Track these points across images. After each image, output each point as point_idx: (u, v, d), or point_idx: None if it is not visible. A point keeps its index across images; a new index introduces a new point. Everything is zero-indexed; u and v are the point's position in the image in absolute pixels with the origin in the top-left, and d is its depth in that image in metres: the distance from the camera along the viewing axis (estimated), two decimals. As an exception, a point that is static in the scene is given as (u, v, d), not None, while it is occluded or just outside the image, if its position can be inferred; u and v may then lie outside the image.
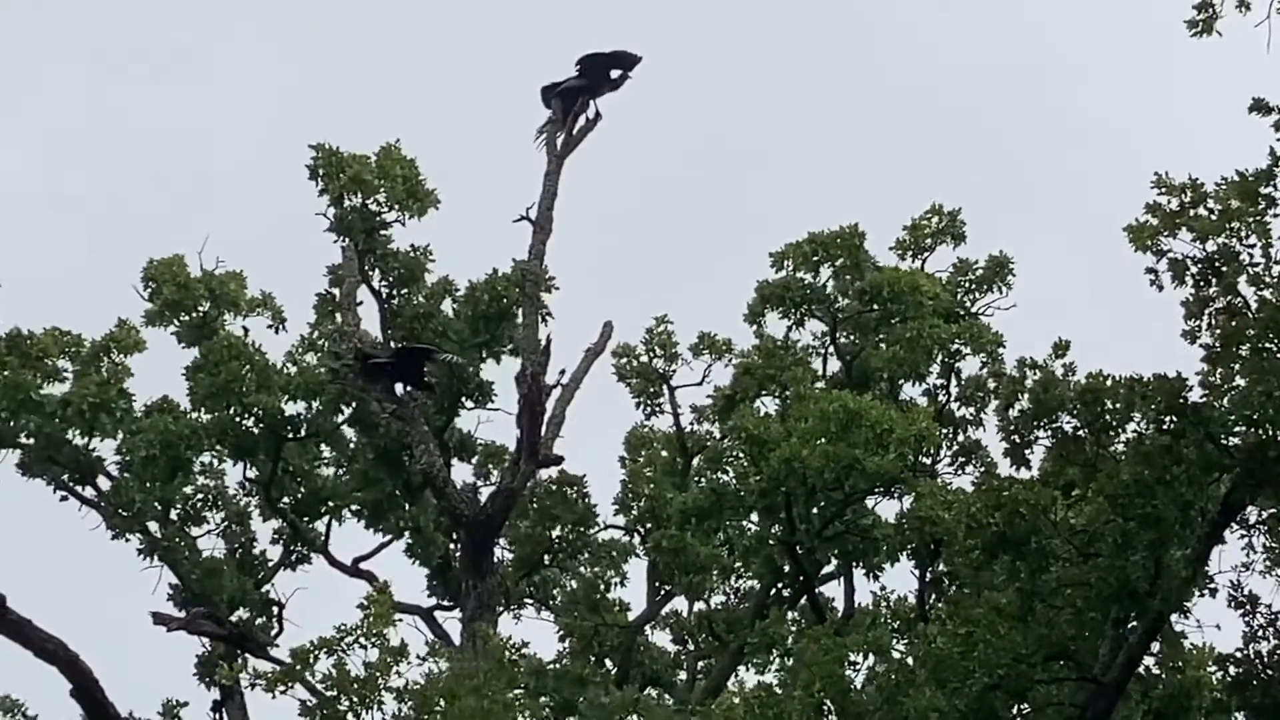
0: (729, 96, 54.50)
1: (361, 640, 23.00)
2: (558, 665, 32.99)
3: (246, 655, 28.09)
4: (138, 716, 27.59)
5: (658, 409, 33.77)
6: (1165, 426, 22.73)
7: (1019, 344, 29.60)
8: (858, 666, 23.76)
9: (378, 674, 22.62)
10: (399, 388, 29.83)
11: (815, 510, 28.59)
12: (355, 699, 22.62)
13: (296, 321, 31.94)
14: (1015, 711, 24.06)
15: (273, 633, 30.63)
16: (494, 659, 23.30)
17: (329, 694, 22.75)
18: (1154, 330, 24.83)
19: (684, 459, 33.30)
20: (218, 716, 24.26)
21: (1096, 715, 23.61)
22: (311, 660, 22.92)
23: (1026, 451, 24.67)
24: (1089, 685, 23.56)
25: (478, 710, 22.14)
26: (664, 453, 34.25)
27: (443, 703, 22.27)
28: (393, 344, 30.34)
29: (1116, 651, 23.48)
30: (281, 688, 23.05)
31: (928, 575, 29.53)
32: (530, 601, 33.62)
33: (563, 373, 29.39)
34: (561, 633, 33.23)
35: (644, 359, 33.48)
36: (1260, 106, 22.71)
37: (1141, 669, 24.60)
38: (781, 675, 27.67)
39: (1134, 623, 23.41)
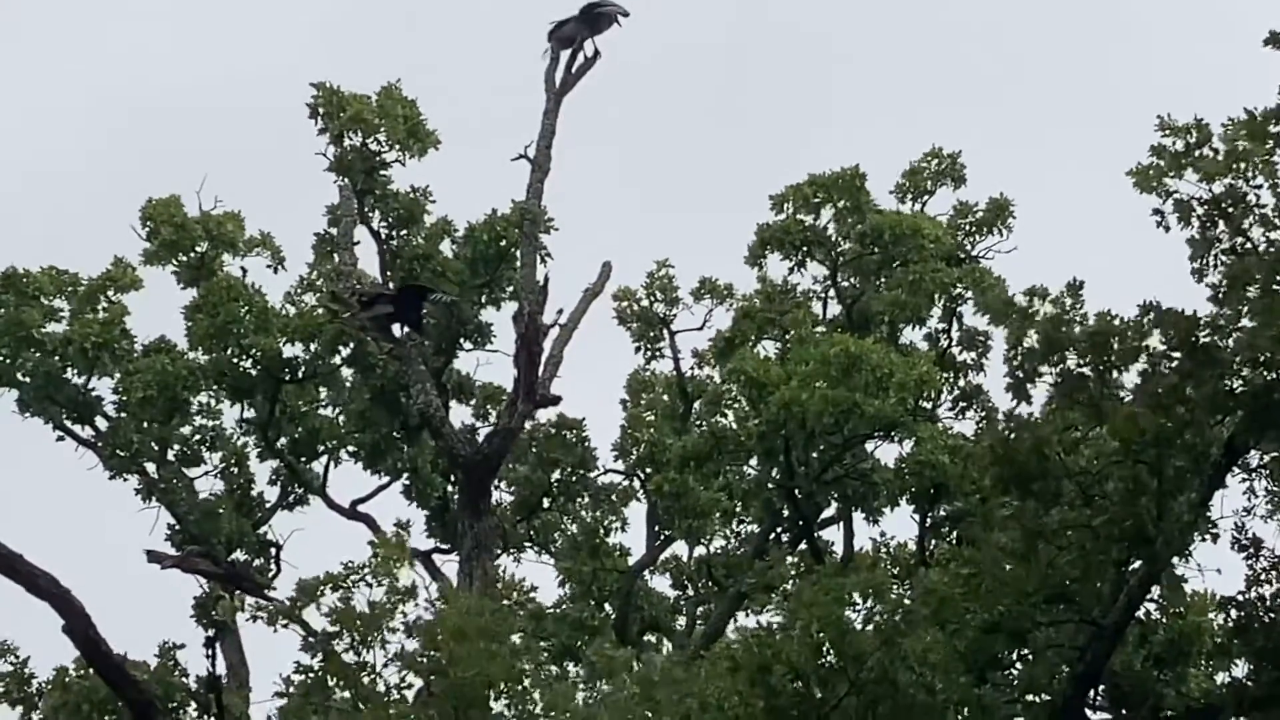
0: (727, 34, 54.07)
1: (369, 579, 22.84)
2: (557, 610, 32.99)
3: (242, 594, 28.05)
4: (132, 658, 27.32)
5: (658, 353, 33.65)
6: (1174, 364, 22.56)
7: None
8: (857, 608, 23.51)
9: (382, 612, 22.45)
10: (396, 328, 29.68)
11: (815, 454, 28.44)
12: (358, 636, 22.45)
13: (295, 262, 31.85)
14: (1014, 654, 24.01)
15: (270, 574, 30.48)
16: (500, 599, 23.11)
17: (331, 630, 22.57)
18: (1159, 273, 24.65)
19: (684, 403, 33.18)
20: (211, 653, 24.06)
21: (1096, 658, 23.50)
22: (318, 595, 22.77)
23: (1029, 386, 24.56)
24: (1089, 627, 23.45)
25: (485, 652, 21.99)
26: (664, 397, 34.14)
27: (452, 643, 22.08)
28: (390, 285, 30.12)
29: (1117, 594, 23.36)
30: (284, 622, 22.91)
31: (928, 520, 29.42)
32: (529, 546, 33.47)
33: (560, 312, 29.23)
34: (561, 577, 33.14)
35: (644, 303, 33.34)
36: (1275, 39, 22.41)
37: (1142, 613, 24.54)
38: (780, 617, 27.47)
39: (1135, 565, 23.31)
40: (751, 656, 22.99)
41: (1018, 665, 25.37)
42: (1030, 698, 25.31)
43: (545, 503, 32.83)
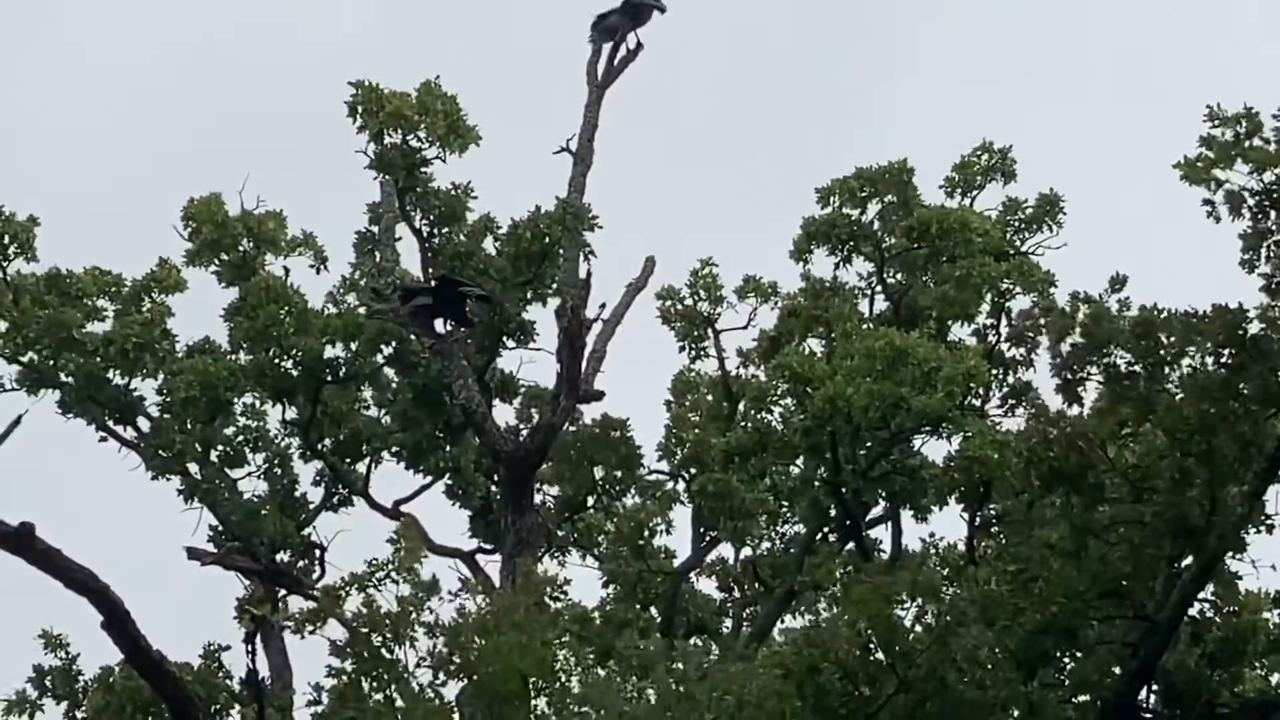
0: (776, 33, 53.72)
1: (393, 575, 22.58)
2: (601, 611, 32.72)
3: (283, 591, 27.89)
4: (175, 659, 27.15)
5: (703, 353, 33.33)
6: (1224, 360, 22.27)
7: (1073, 284, 28.99)
8: (906, 606, 23.22)
9: (410, 609, 22.20)
10: (439, 324, 29.50)
11: (861, 450, 28.13)
12: (388, 635, 22.22)
13: (338, 262, 31.70)
14: (1065, 651, 23.69)
15: (314, 575, 30.28)
16: (534, 595, 22.82)
17: (361, 631, 22.34)
18: (1211, 264, 24.34)
19: (729, 403, 32.86)
20: (251, 650, 23.89)
21: (1149, 655, 23.22)
22: (343, 597, 22.53)
23: (1079, 388, 24.31)
24: (1141, 624, 23.15)
25: (517, 646, 21.73)
26: (709, 397, 33.86)
27: (479, 639, 21.84)
28: (431, 280, 29.93)
29: (1170, 590, 23.07)
30: (311, 627, 22.68)
31: (977, 519, 29.07)
32: (573, 547, 33.22)
33: (603, 307, 28.98)
34: (605, 579, 32.88)
35: (688, 302, 33.04)
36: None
37: (1196, 611, 24.22)
38: (828, 617, 27.20)
39: (1189, 560, 23.00)
40: (801, 659, 22.77)
41: (1068, 663, 25.14)
42: (1082, 696, 25.05)
43: (589, 502, 32.54)
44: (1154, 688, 24.23)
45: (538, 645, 22.08)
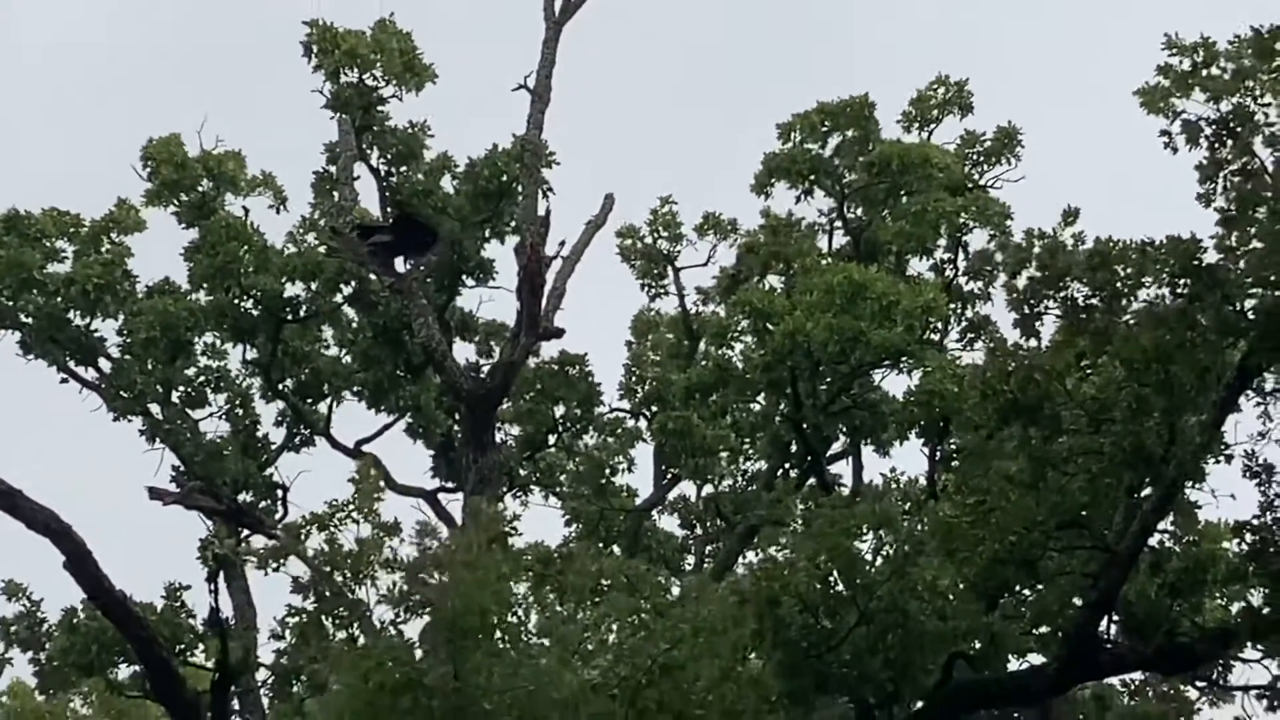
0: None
1: (354, 515, 22.56)
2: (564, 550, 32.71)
3: (246, 531, 27.86)
4: (138, 600, 27.14)
5: (662, 290, 33.40)
6: (1180, 290, 22.32)
7: (1030, 218, 29.11)
8: (866, 538, 23.30)
9: (370, 549, 22.18)
10: (398, 262, 29.43)
11: (821, 385, 28.17)
12: (349, 574, 22.21)
13: (297, 203, 31.57)
14: (1026, 582, 23.81)
15: (277, 515, 30.22)
16: (488, 532, 22.78)
17: (324, 569, 22.33)
18: (1168, 198, 24.38)
19: (689, 341, 32.93)
20: (214, 589, 23.87)
21: (1109, 585, 23.33)
22: (303, 536, 22.49)
23: (1036, 322, 24.37)
24: (1101, 554, 23.26)
25: (475, 582, 21.73)
26: (669, 336, 33.90)
27: (438, 576, 21.83)
28: (390, 219, 29.84)
29: (1130, 520, 23.18)
30: (274, 564, 22.65)
31: (937, 453, 29.19)
32: (535, 487, 33.24)
33: (563, 244, 28.94)
34: (568, 517, 32.92)
35: (648, 240, 33.06)
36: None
37: (1155, 542, 24.33)
38: (789, 550, 27.21)
39: (1148, 490, 23.09)
40: (760, 590, 22.82)
41: (1029, 595, 25.29)
42: (1043, 628, 25.21)
43: (550, 440, 32.55)
44: (1114, 618, 24.34)
45: (495, 581, 22.05)
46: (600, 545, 31.98)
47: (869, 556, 23.20)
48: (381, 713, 21.36)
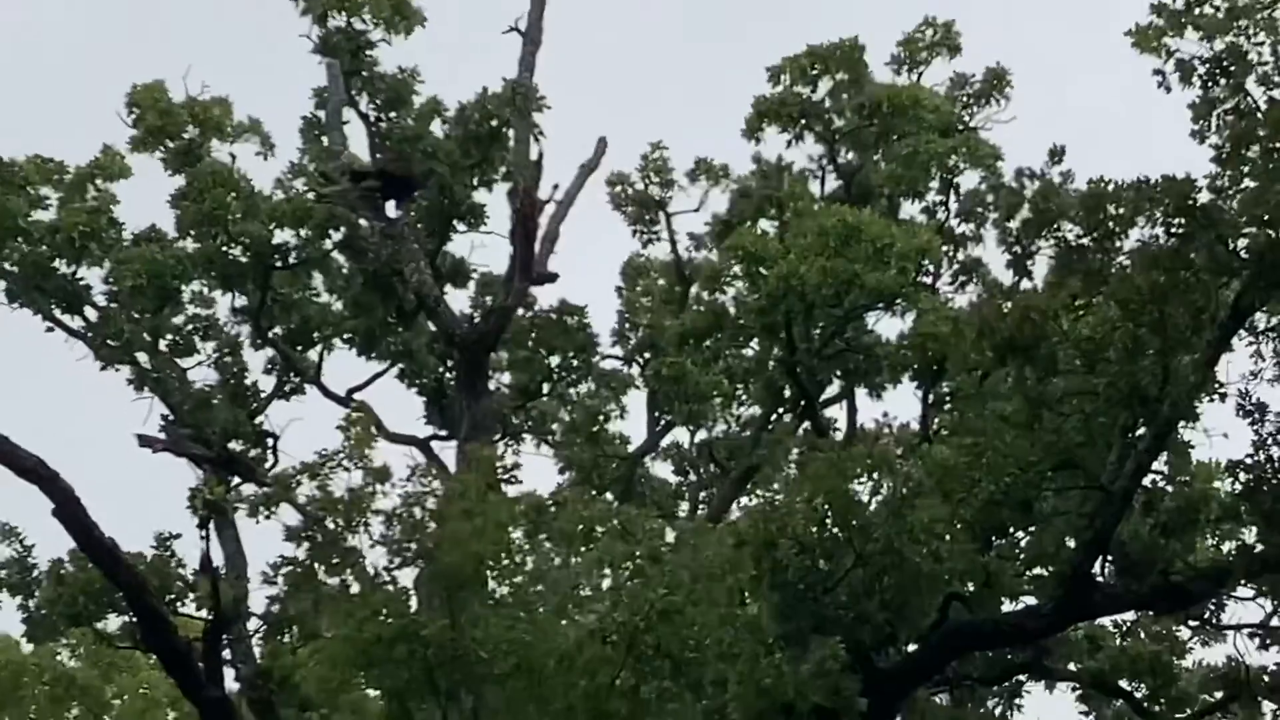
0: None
1: (345, 463, 22.40)
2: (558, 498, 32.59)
3: (236, 479, 27.73)
4: (129, 550, 27.02)
5: (655, 237, 33.21)
6: (1174, 230, 22.25)
7: (1021, 160, 28.86)
8: (862, 480, 23.23)
9: (362, 496, 22.04)
10: (389, 207, 29.26)
11: (815, 329, 28.02)
12: (341, 521, 22.08)
13: (286, 149, 31.37)
14: (1021, 523, 23.77)
15: (267, 465, 30.08)
16: (484, 477, 22.68)
17: (315, 517, 22.20)
18: (1160, 141, 24.28)
19: (682, 287, 32.77)
20: (205, 535, 23.75)
21: (1104, 525, 23.30)
22: (295, 484, 22.36)
23: (1029, 263, 24.34)
24: (1096, 494, 23.21)
25: (470, 529, 21.63)
26: (661, 282, 33.75)
27: (432, 523, 21.73)
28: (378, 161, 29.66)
29: (1124, 460, 23.11)
30: (265, 511, 22.52)
31: (930, 397, 29.10)
32: (529, 436, 33.14)
33: (556, 188, 28.79)
34: (561, 465, 32.84)
35: (639, 186, 32.87)
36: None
37: (1149, 482, 24.29)
38: (785, 493, 27.12)
39: (1142, 430, 23.04)
40: (757, 531, 22.75)
41: (1024, 536, 25.27)
42: (1038, 569, 25.18)
43: (544, 389, 32.41)
44: (1109, 559, 24.30)
45: (491, 528, 21.96)
46: (594, 492, 31.90)
47: (865, 499, 23.12)
48: (376, 663, 21.34)
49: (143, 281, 29.62)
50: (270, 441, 30.58)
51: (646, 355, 32.64)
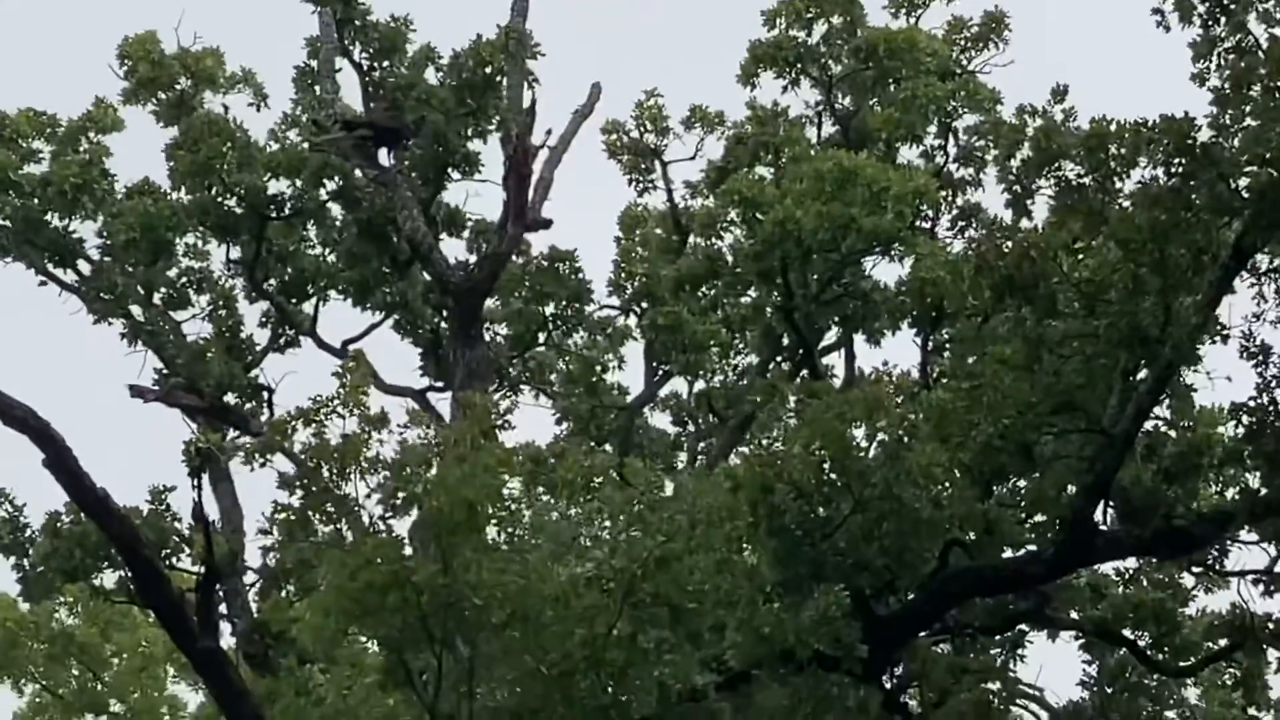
0: None
1: (340, 411, 22.18)
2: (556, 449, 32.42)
3: (231, 430, 27.52)
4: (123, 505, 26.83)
5: (650, 185, 32.94)
6: (1174, 169, 21.99)
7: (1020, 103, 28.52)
8: (859, 425, 22.96)
9: (358, 443, 21.82)
10: (382, 155, 29.02)
11: (812, 275, 27.78)
12: (336, 469, 21.86)
13: (279, 100, 31.21)
14: (1021, 467, 23.53)
15: (263, 418, 29.90)
16: (479, 425, 22.46)
17: (310, 465, 21.99)
18: (1159, 83, 23.97)
19: (678, 236, 32.53)
20: (197, 484, 23.52)
21: (1105, 469, 23.04)
22: (290, 431, 22.13)
23: (1029, 203, 24.05)
24: (1097, 438, 22.96)
25: (465, 476, 21.42)
26: (658, 231, 33.49)
27: (423, 471, 21.51)
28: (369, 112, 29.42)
29: (1126, 403, 22.86)
30: (260, 460, 22.30)
31: (929, 343, 28.91)
32: (525, 385, 32.94)
33: (549, 133, 28.53)
34: (558, 415, 32.63)
35: (634, 134, 32.60)
36: None
37: (1150, 426, 24.07)
38: (782, 440, 26.91)
39: (1143, 373, 22.81)
40: (754, 476, 22.52)
41: (1025, 484, 25.04)
42: (1039, 516, 24.94)
43: (540, 339, 32.20)
44: (1110, 505, 24.09)
45: (485, 475, 21.75)
46: (592, 444, 31.72)
47: (863, 443, 22.88)
48: (370, 611, 21.15)
49: (136, 235, 29.53)
50: (265, 395, 30.45)
51: (643, 305, 32.38)
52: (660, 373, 32.89)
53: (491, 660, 21.71)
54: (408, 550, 21.72)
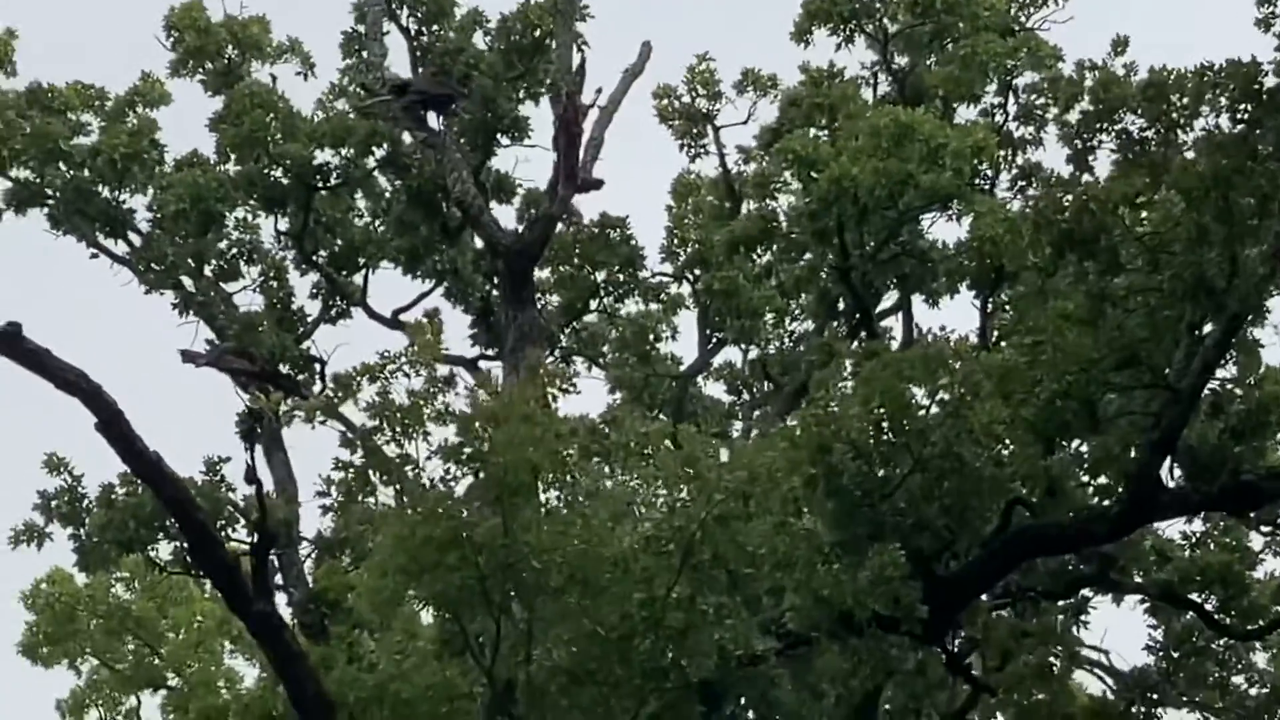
0: None
1: (405, 369, 21.97)
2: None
3: (283, 394, 27.31)
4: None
5: (702, 151, 32.55)
6: (1239, 116, 21.55)
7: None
8: (919, 383, 22.55)
9: (421, 401, 21.60)
10: (431, 118, 28.75)
11: (869, 233, 27.37)
12: (399, 428, 21.65)
13: (325, 70, 31.05)
14: (1084, 423, 23.06)
15: (315, 389, 29.68)
16: (539, 387, 22.21)
17: (371, 424, 21.78)
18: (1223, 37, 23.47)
19: (731, 202, 32.15)
20: (250, 446, 23.31)
21: (1171, 425, 22.59)
22: (354, 388, 21.93)
23: (1089, 157, 23.62)
24: (1162, 393, 22.52)
25: (527, 437, 21.16)
26: (710, 198, 33.12)
27: (490, 429, 21.24)
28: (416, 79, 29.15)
29: (1191, 358, 22.41)
30: (322, 419, 22.10)
31: (988, 306, 28.51)
32: (577, 356, 32.63)
33: (599, 92, 28.23)
34: (611, 386, 32.31)
35: (685, 99, 32.22)
36: None
37: (1217, 384, 23.62)
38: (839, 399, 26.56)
39: (1209, 326, 22.36)
40: (812, 436, 22.17)
41: (1085, 447, 24.57)
42: (1101, 477, 24.46)
43: (591, 306, 31.89)
44: (1175, 464, 23.65)
45: (548, 436, 21.50)
46: (646, 412, 31.41)
47: (923, 401, 22.49)
48: (428, 569, 20.93)
49: (185, 206, 29.32)
50: (317, 367, 30.21)
51: (696, 272, 32.04)
52: (714, 341, 32.56)
53: (549, 623, 21.48)
54: (465, 513, 21.51)
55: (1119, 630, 28.38)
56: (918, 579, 22.08)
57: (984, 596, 25.57)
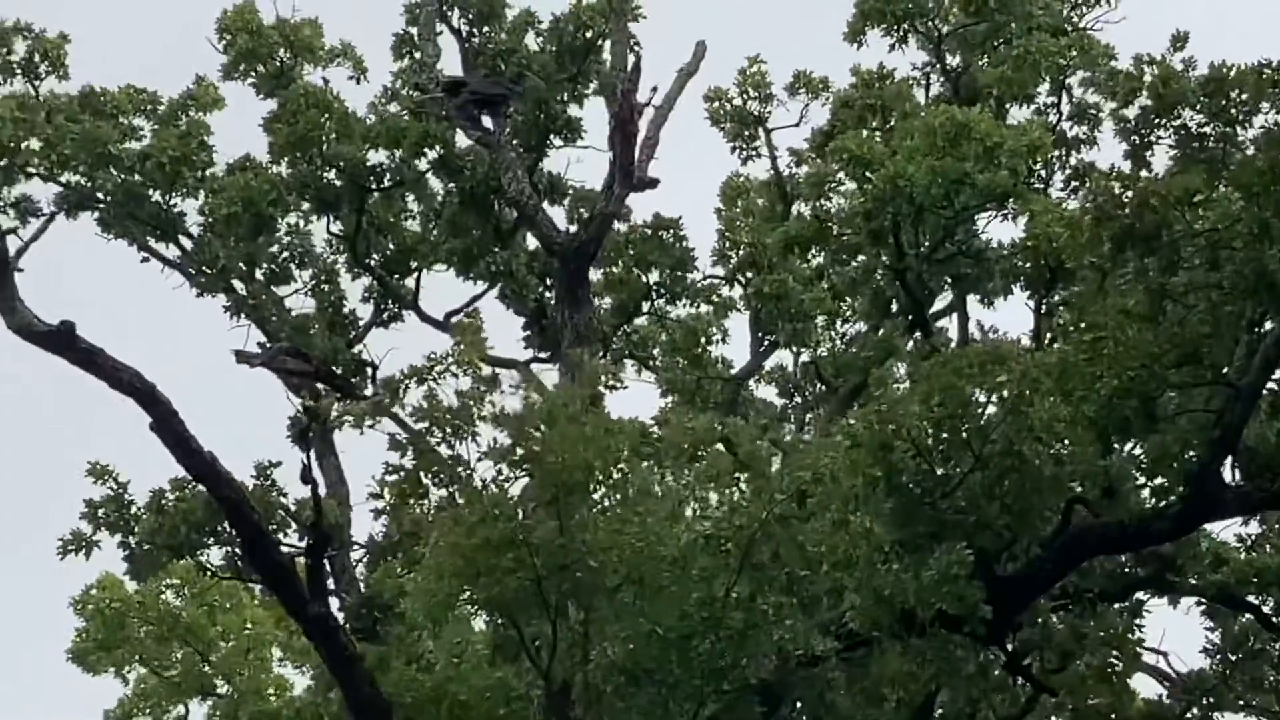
0: None
1: (453, 370, 21.86)
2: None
3: (337, 394, 27.27)
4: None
5: (754, 153, 32.42)
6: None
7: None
8: (978, 379, 22.36)
9: (471, 402, 21.49)
10: (485, 118, 28.70)
11: (924, 233, 27.18)
12: (448, 430, 21.54)
13: (378, 74, 30.97)
14: (1144, 421, 22.87)
15: (367, 392, 29.59)
16: (593, 385, 22.11)
17: (420, 426, 21.69)
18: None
19: (783, 204, 32.03)
20: (306, 446, 23.21)
21: (1232, 423, 22.42)
22: (402, 391, 21.84)
23: (1147, 154, 23.48)
24: (1223, 390, 22.34)
25: (580, 436, 21.04)
26: (761, 201, 33.00)
27: (542, 429, 21.13)
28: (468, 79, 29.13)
29: (1252, 355, 22.23)
30: (370, 422, 22.01)
31: (1044, 307, 28.31)
32: (628, 360, 32.50)
33: (654, 90, 28.14)
34: (663, 389, 32.16)
35: (737, 102, 32.09)
36: None
37: (1278, 382, 23.38)
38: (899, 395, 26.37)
39: (1271, 324, 22.17)
40: (872, 434, 22.02)
41: (1142, 448, 24.38)
42: (1159, 478, 24.25)
43: (643, 308, 31.78)
44: (1236, 464, 23.44)
45: (601, 434, 21.38)
46: (698, 414, 31.23)
47: (982, 398, 22.31)
48: (484, 571, 20.81)
49: (238, 209, 29.24)
50: (369, 370, 30.14)
51: (748, 275, 31.90)
52: (765, 343, 32.43)
53: (605, 624, 21.35)
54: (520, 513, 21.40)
55: (1177, 633, 28.26)
56: (980, 578, 21.93)
57: (1044, 594, 25.38)
